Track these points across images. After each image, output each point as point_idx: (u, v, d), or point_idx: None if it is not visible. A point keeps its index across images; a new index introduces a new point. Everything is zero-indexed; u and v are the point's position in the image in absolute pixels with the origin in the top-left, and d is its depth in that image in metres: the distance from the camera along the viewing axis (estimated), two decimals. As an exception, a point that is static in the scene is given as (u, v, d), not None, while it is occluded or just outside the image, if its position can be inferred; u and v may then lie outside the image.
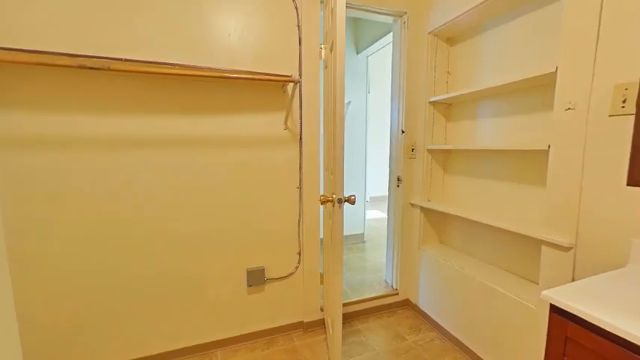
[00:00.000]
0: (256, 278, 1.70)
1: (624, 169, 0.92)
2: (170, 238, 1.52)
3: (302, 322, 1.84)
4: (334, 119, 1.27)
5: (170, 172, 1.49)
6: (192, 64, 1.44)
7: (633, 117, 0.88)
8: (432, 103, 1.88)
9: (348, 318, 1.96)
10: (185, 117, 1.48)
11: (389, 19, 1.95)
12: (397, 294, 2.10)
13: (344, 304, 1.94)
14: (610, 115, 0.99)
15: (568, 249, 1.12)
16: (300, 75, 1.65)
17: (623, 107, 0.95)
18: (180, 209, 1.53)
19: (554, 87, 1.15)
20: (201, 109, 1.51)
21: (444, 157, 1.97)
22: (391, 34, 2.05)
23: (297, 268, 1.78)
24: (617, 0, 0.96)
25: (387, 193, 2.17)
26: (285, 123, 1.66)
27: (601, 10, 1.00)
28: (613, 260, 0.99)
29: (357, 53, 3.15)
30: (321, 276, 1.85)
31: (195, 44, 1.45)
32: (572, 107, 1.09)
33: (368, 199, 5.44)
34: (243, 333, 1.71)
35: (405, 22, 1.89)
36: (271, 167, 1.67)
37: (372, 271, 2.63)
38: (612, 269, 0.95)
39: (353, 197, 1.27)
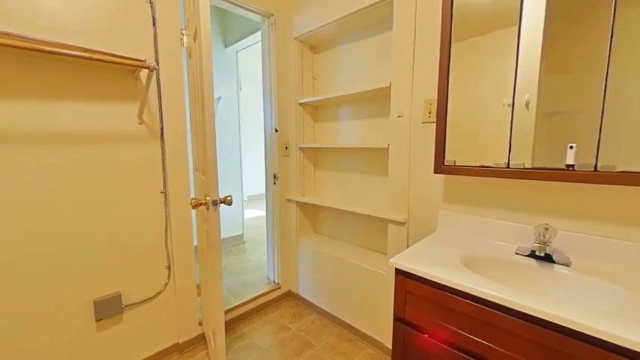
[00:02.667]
0: (109, 308, 1.36)
1: (432, 161, 1.28)
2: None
3: (177, 343, 1.62)
4: (203, 115, 1.17)
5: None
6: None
7: (435, 124, 1.23)
8: (302, 104, 2.03)
9: (232, 324, 1.87)
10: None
11: (257, 17, 1.95)
12: (280, 288, 2.17)
13: (226, 311, 1.84)
14: (423, 122, 1.35)
15: (403, 224, 1.46)
16: (157, 61, 1.42)
17: (429, 117, 1.32)
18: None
19: (390, 98, 1.46)
20: (21, 93, 1.07)
21: (314, 155, 2.17)
22: (260, 32, 2.07)
23: (166, 284, 1.55)
24: (422, 40, 1.31)
25: (264, 191, 2.19)
26: (140, 116, 1.39)
27: (414, 47, 1.34)
28: (429, 227, 1.37)
29: (226, 47, 3.00)
30: (198, 287, 1.69)
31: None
32: (401, 115, 1.42)
33: (246, 198, 5.33)
34: (93, 382, 1.35)
35: (272, 24, 1.94)
36: (124, 169, 1.37)
37: (255, 270, 2.61)
38: (429, 234, 1.30)
39: (229, 198, 1.21)
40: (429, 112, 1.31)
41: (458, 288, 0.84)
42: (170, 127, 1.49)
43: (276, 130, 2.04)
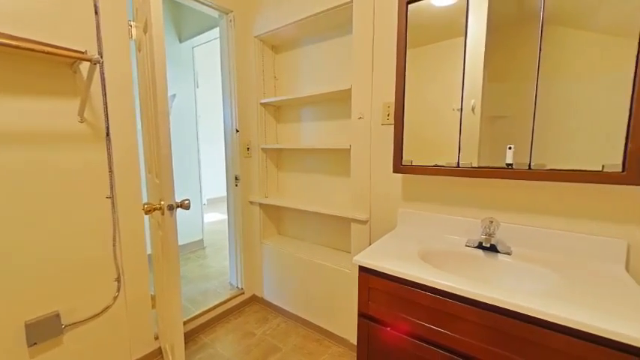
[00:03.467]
0: (44, 331, 1.20)
1: (391, 161, 1.33)
2: None
3: (129, 362, 1.49)
4: (156, 113, 1.09)
5: None
6: None
7: (393, 126, 1.29)
8: (263, 104, 1.99)
9: (192, 335, 1.77)
10: None
11: (214, 13, 1.88)
12: (243, 293, 2.10)
13: (186, 322, 1.74)
14: (382, 124, 1.41)
15: (366, 222, 1.50)
16: (101, 54, 1.29)
17: (388, 119, 1.38)
18: None
19: (351, 100, 1.50)
20: None
21: (277, 156, 2.14)
22: (218, 29, 1.99)
23: (116, 298, 1.41)
24: (380, 46, 1.37)
25: (225, 194, 2.11)
26: (81, 114, 1.26)
27: (373, 51, 1.39)
28: (390, 225, 1.43)
29: (181, 41, 2.84)
30: (153, 298, 1.57)
31: None
32: (362, 117, 1.46)
33: (205, 201, 5.09)
34: (25, 416, 1.18)
35: (231, 21, 1.88)
36: (63, 173, 1.22)
37: (216, 276, 2.50)
38: (390, 231, 1.36)
39: (187, 202, 1.15)
40: (388, 115, 1.37)
41: (416, 281, 0.89)
42: (117, 126, 1.36)
43: (237, 131, 1.98)
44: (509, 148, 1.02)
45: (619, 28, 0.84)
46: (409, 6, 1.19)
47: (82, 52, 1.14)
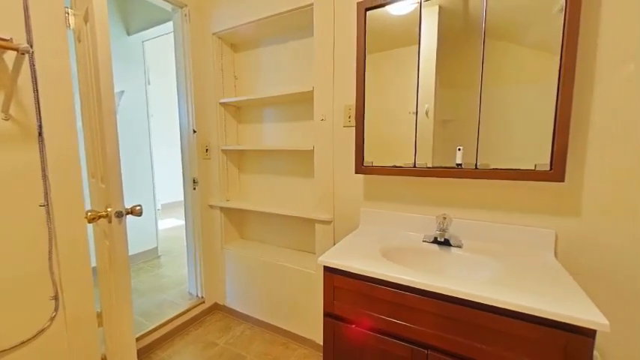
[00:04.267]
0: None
1: (353, 162, 1.37)
2: None
3: (71, 389, 1.32)
4: (100, 112, 0.99)
5: None
6: None
7: (354, 128, 1.33)
8: (223, 104, 1.92)
9: (147, 351, 1.64)
10: None
11: (167, 6, 1.76)
12: (204, 302, 2.00)
13: (138, 338, 1.60)
14: (344, 126, 1.44)
15: (330, 222, 1.52)
16: (30, 43, 1.14)
17: (349, 120, 1.41)
18: None
19: (313, 102, 1.51)
20: None
21: (239, 157, 2.08)
22: (172, 23, 1.87)
23: (53, 318, 1.25)
24: (341, 49, 1.40)
25: (182, 198, 1.99)
26: (5, 110, 1.09)
27: (334, 55, 1.42)
28: (353, 224, 1.46)
29: (129, 34, 2.62)
30: (99, 315, 1.42)
31: None
32: (324, 119, 1.48)
33: (159, 207, 4.75)
34: None
35: (186, 15, 1.78)
36: (-21, 179, 1.05)
37: (173, 286, 2.34)
38: (353, 230, 1.39)
39: (138, 208, 1.06)
40: (349, 117, 1.41)
41: (378, 277, 0.92)
42: (52, 124, 1.21)
43: (195, 131, 1.88)
44: (459, 149, 1.10)
45: (545, 45, 0.96)
46: (367, 12, 1.23)
47: (6, 40, 0.99)
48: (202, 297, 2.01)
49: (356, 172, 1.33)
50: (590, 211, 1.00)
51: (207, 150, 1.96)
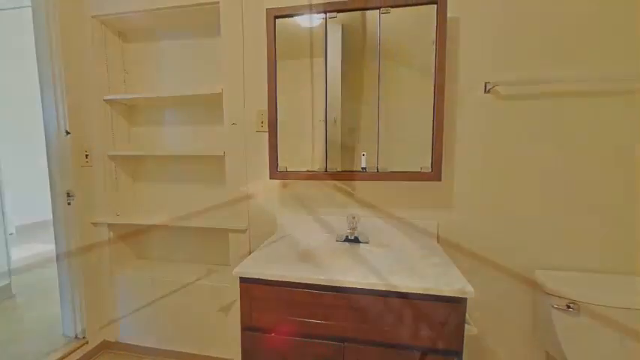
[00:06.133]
0: None
1: (267, 168, 1.35)
2: None
3: None
4: None
5: None
6: None
7: (267, 133, 1.32)
8: (109, 101, 1.61)
9: None
10: None
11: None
12: (87, 342, 1.62)
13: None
14: (257, 131, 1.41)
15: (245, 231, 1.46)
16: None
17: (262, 126, 1.39)
18: None
19: (223, 105, 1.43)
20: None
21: (134, 164, 1.78)
22: (29, -5, 1.47)
23: None
24: (250, 53, 1.37)
25: (51, 216, 1.57)
26: None
27: (243, 57, 1.38)
28: (268, 231, 1.44)
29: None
30: None
31: None
32: (235, 123, 1.42)
33: (13, 230, 3.65)
34: None
35: (52, -11, 1.43)
36: None
37: (38, 330, 1.82)
38: (268, 237, 1.37)
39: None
40: (262, 122, 1.39)
41: (295, 280, 0.93)
42: None
43: (68, 133, 1.52)
44: (363, 154, 1.23)
45: (426, 69, 1.17)
46: (277, 20, 1.25)
47: None
48: (84, 337, 1.63)
49: (270, 178, 1.32)
50: (459, 204, 1.26)
51: (87, 156, 1.61)
